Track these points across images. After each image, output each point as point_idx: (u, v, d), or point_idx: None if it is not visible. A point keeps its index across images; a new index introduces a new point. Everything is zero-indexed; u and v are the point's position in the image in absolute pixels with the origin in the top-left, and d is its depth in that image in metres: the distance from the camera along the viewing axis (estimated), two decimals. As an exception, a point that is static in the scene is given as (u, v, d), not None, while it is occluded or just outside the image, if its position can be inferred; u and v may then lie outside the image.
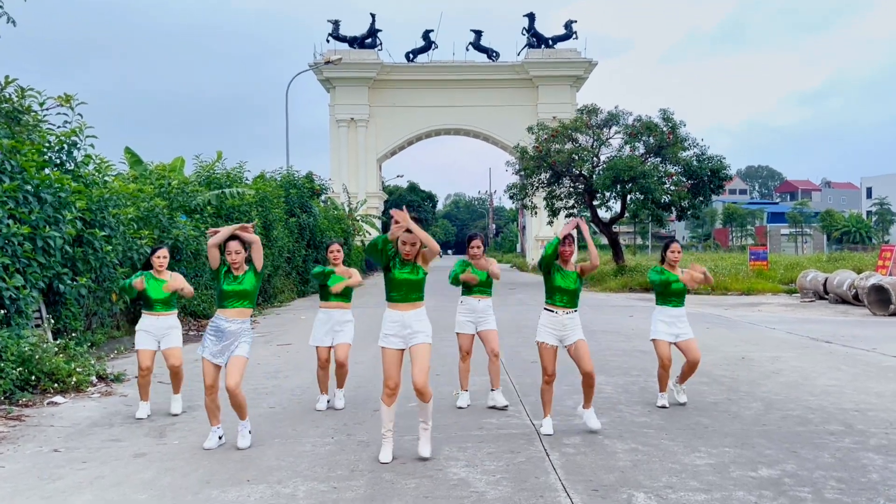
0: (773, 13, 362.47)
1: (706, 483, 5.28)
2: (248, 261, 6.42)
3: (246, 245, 6.36)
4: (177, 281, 7.73)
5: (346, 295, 7.88)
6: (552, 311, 6.68)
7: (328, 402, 7.91)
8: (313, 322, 7.99)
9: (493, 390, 7.87)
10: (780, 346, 12.32)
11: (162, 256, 7.67)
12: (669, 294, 7.75)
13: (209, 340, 6.27)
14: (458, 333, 7.89)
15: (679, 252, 7.82)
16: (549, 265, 6.67)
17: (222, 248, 6.30)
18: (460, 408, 7.79)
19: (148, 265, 7.75)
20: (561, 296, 6.66)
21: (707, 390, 8.62)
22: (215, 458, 6.03)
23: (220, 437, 6.38)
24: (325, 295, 7.85)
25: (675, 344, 7.71)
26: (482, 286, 7.83)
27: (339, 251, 8.02)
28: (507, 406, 7.75)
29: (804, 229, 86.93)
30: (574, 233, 6.80)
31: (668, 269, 7.78)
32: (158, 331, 7.58)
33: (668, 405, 7.76)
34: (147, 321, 7.59)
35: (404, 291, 5.86)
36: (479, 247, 7.82)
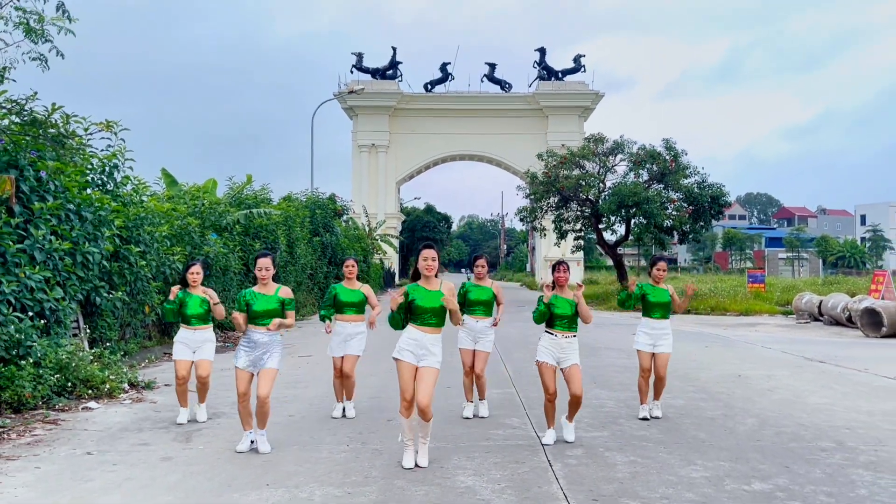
0: (765, 54, 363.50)
1: (701, 495, 5.23)
2: (276, 279, 6.51)
3: (275, 263, 6.46)
4: (211, 295, 7.76)
5: (359, 307, 7.90)
6: (552, 335, 6.69)
7: (343, 410, 7.93)
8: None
9: (480, 400, 7.97)
10: (775, 365, 12.18)
11: (195, 272, 7.66)
12: (650, 306, 7.81)
13: (243, 352, 6.35)
14: (459, 349, 7.91)
15: (663, 270, 7.87)
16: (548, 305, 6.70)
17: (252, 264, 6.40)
18: (466, 418, 7.77)
19: (185, 282, 7.70)
20: (560, 321, 6.68)
21: (704, 406, 8.54)
22: (238, 462, 6.04)
23: (252, 442, 6.38)
24: (340, 308, 7.89)
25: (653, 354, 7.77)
26: (483, 305, 7.78)
27: (353, 266, 8.00)
28: (482, 416, 7.81)
29: (801, 254, 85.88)
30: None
31: (653, 283, 7.87)
32: (194, 343, 7.61)
33: (648, 417, 7.71)
34: (184, 334, 7.61)
35: (427, 316, 5.87)
36: (483, 266, 7.85)
